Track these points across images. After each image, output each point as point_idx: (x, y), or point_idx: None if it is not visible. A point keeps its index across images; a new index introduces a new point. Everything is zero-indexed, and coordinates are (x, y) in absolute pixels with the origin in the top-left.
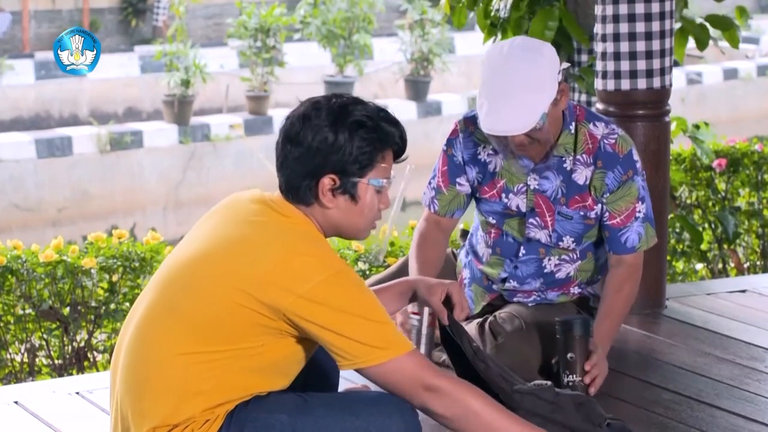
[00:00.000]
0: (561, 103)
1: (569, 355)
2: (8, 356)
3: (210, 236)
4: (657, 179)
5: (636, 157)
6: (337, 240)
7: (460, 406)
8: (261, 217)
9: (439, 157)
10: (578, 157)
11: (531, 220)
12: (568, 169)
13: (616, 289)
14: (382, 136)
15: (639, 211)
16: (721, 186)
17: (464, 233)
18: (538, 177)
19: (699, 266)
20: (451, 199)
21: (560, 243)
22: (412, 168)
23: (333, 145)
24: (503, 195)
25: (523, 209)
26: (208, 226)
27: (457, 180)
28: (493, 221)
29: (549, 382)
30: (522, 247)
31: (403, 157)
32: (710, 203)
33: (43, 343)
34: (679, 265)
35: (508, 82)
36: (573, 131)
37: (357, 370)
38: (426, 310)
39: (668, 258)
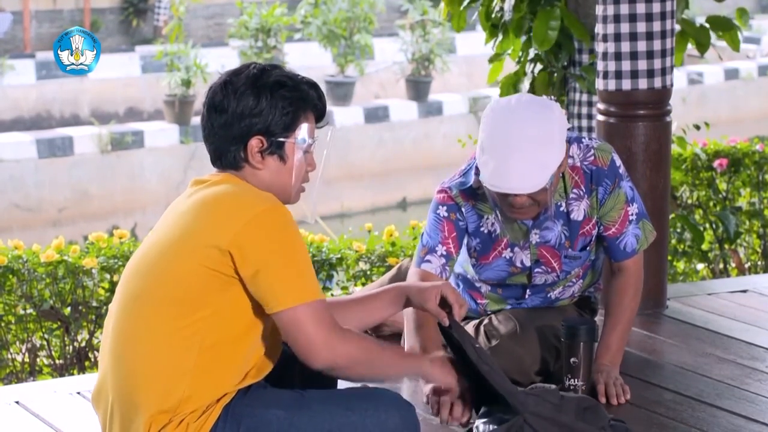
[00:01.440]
0: (564, 164)
1: (572, 359)
2: (9, 356)
3: (158, 230)
4: (658, 179)
5: (618, 162)
6: (339, 241)
7: (358, 364)
8: (196, 191)
9: (436, 224)
10: (571, 195)
11: (537, 269)
12: (566, 211)
13: (621, 299)
14: (303, 95)
15: (631, 214)
16: (722, 186)
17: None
18: (539, 230)
19: (700, 266)
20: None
21: (568, 276)
22: (333, 130)
23: (256, 107)
24: (508, 250)
25: (528, 264)
26: (158, 225)
27: (464, 244)
28: (495, 282)
29: (554, 386)
30: (528, 290)
31: (323, 122)
32: (711, 203)
33: (44, 343)
34: (680, 265)
35: (517, 137)
36: (560, 176)
37: (273, 318)
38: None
39: (669, 258)
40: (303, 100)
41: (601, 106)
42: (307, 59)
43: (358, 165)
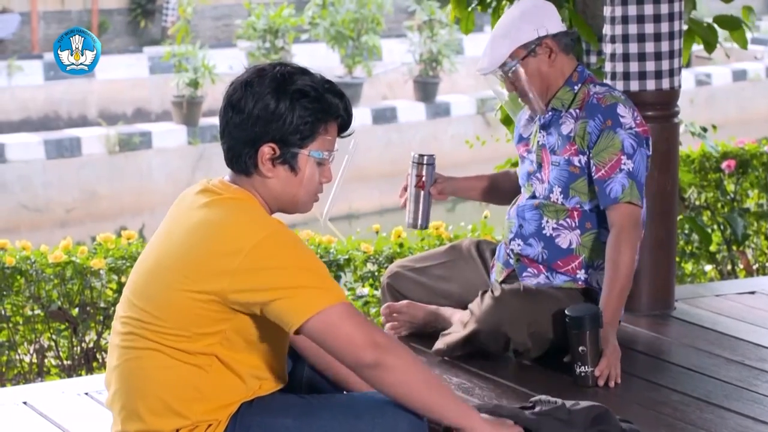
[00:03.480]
0: (547, 60)
1: (581, 348)
2: (17, 357)
3: (162, 243)
4: (666, 180)
5: (624, 113)
6: (347, 242)
7: (407, 371)
8: (201, 206)
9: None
10: (570, 111)
11: (537, 174)
12: (561, 122)
13: (611, 254)
14: (325, 107)
15: (624, 164)
16: (730, 187)
17: None
18: (545, 133)
19: (708, 268)
20: None
21: (551, 195)
22: (356, 143)
23: (274, 113)
24: (529, 153)
25: (535, 166)
26: (163, 231)
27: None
28: (522, 184)
29: (559, 401)
30: (525, 200)
31: (348, 131)
32: (719, 205)
33: (52, 343)
34: (688, 267)
35: (495, 27)
36: (575, 90)
37: (302, 331)
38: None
39: (677, 259)
40: (324, 112)
41: None
42: (314, 60)
43: (366, 166)
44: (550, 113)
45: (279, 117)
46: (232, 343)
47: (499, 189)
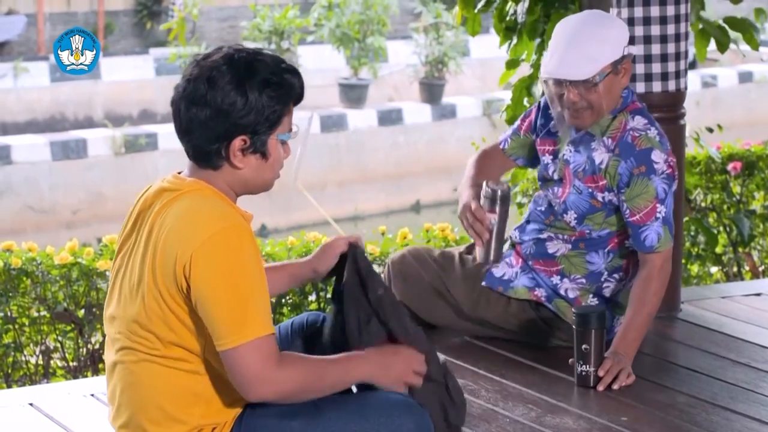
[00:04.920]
0: (622, 80)
1: (584, 346)
2: (23, 358)
3: (131, 255)
4: None
5: (658, 159)
6: None
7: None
8: (163, 210)
9: (531, 109)
10: (604, 139)
11: (555, 189)
12: (593, 148)
13: (642, 290)
14: (287, 90)
15: (659, 212)
16: (736, 189)
17: None
18: (572, 149)
19: (714, 269)
20: (522, 144)
21: (564, 216)
22: (311, 115)
23: (243, 107)
24: (548, 156)
25: (555, 177)
26: (129, 240)
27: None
28: (539, 183)
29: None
30: (539, 211)
31: (302, 102)
32: (725, 206)
33: (58, 345)
34: (694, 269)
35: (575, 33)
36: (614, 116)
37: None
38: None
39: (683, 261)
40: (287, 95)
41: None
42: (320, 62)
43: (371, 168)
44: (582, 132)
45: (249, 110)
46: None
47: (495, 174)
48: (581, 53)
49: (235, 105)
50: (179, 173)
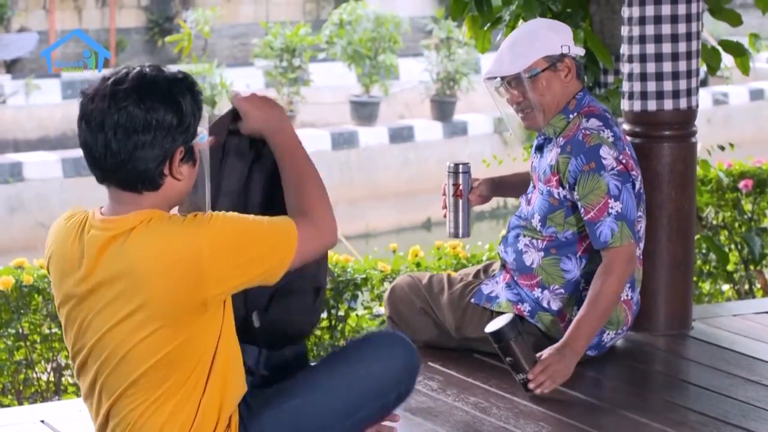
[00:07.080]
0: (566, 79)
1: (508, 359)
2: (34, 375)
3: (96, 303)
4: (683, 200)
5: (606, 155)
6: (364, 261)
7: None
8: (119, 247)
9: None
10: (557, 139)
11: (528, 195)
12: (549, 149)
13: (596, 282)
14: (198, 93)
15: (612, 208)
16: (748, 207)
17: None
18: (539, 156)
19: (725, 287)
20: None
21: (532, 220)
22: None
23: (183, 118)
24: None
25: (530, 186)
26: (81, 291)
27: None
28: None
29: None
30: (516, 217)
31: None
32: (736, 224)
33: (70, 362)
34: (706, 286)
35: (512, 37)
36: (569, 119)
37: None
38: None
39: (694, 279)
40: (200, 98)
41: (626, 126)
42: (331, 79)
43: (382, 185)
44: (542, 137)
45: (185, 120)
46: (198, 345)
47: (515, 180)
48: (512, 51)
49: (174, 118)
50: (102, 212)
